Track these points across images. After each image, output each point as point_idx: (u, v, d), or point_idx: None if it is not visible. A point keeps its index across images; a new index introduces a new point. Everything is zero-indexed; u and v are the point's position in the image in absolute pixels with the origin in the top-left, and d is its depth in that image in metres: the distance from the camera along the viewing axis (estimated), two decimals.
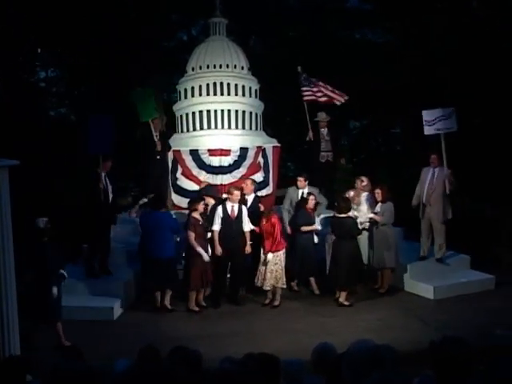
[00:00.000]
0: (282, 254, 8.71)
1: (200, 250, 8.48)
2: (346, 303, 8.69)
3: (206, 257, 8.51)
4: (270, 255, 8.60)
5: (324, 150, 10.76)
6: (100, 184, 8.93)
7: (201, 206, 8.72)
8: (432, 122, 9.30)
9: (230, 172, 10.69)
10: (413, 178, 9.92)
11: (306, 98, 10.93)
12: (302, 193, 9.49)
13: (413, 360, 5.04)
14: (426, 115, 9.37)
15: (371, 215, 9.07)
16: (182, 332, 7.70)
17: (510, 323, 6.96)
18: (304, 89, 10.92)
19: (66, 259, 9.60)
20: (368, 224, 9.20)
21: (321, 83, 10.92)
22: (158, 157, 10.29)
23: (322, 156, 10.80)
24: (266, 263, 8.62)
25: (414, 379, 3.58)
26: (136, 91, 10.21)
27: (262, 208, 8.99)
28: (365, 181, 9.56)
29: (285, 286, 8.84)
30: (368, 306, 8.70)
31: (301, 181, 9.55)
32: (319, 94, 10.87)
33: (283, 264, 8.70)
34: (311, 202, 9.12)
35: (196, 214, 8.64)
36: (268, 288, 8.72)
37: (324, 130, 10.83)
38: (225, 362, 3.96)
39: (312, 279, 9.26)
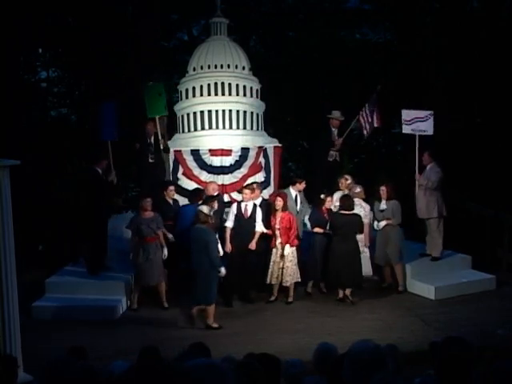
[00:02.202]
0: (295, 250, 8.80)
1: None
2: (351, 299, 8.77)
3: None
4: (287, 248, 8.68)
5: (333, 149, 10.80)
6: (111, 175, 9.16)
7: (215, 205, 8.72)
8: (409, 121, 9.60)
9: (231, 172, 10.68)
10: (413, 178, 9.90)
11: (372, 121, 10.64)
12: (296, 195, 9.50)
13: (414, 360, 5.05)
14: (405, 114, 9.68)
15: (382, 224, 9.04)
16: (183, 332, 7.71)
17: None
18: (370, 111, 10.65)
19: (66, 259, 9.65)
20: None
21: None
22: (152, 160, 10.21)
23: (330, 155, 10.83)
24: (282, 258, 8.68)
25: (415, 379, 3.58)
26: (147, 86, 10.16)
27: (279, 204, 8.82)
28: (349, 179, 9.62)
29: (299, 280, 8.91)
30: (369, 306, 8.70)
31: (302, 183, 9.59)
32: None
33: (296, 260, 8.78)
34: (328, 204, 9.12)
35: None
36: (288, 284, 8.80)
37: (335, 130, 10.87)
38: (225, 361, 3.96)
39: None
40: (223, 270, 7.99)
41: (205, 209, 8.10)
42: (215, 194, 9.37)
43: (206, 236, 7.85)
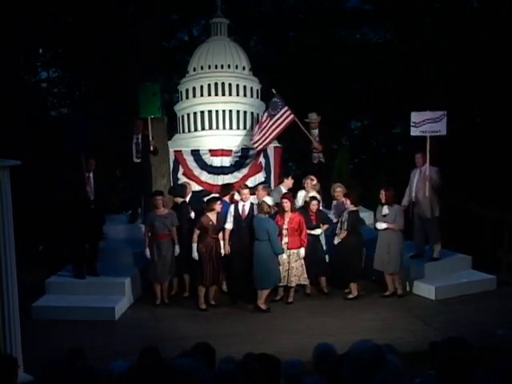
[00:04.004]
0: (300, 250, 8.81)
1: (194, 245, 8.64)
2: (357, 293, 8.99)
3: (195, 255, 8.62)
4: (302, 250, 8.76)
5: (315, 151, 10.72)
6: (86, 186, 8.91)
7: (218, 206, 8.71)
8: (419, 123, 9.44)
9: (232, 172, 10.70)
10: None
11: (290, 118, 10.49)
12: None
13: (414, 360, 5.05)
14: (414, 117, 9.47)
15: (384, 226, 8.89)
16: (183, 332, 7.70)
17: None
18: (285, 109, 10.44)
19: (66, 259, 9.65)
20: None
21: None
22: (137, 160, 10.17)
23: (313, 157, 10.76)
24: (297, 259, 8.74)
25: (415, 380, 3.58)
26: (143, 85, 10.10)
27: (287, 205, 8.80)
28: (314, 180, 9.62)
29: (307, 282, 8.97)
30: (369, 306, 8.69)
31: (290, 180, 9.68)
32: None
33: (302, 261, 8.80)
34: (314, 207, 9.12)
35: (211, 214, 8.66)
36: (292, 284, 8.81)
37: (315, 131, 10.78)
38: (225, 362, 3.95)
39: (323, 278, 9.26)
40: (284, 257, 8.63)
41: (268, 200, 8.66)
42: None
43: (268, 225, 8.40)
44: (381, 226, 8.94)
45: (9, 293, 5.85)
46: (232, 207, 8.89)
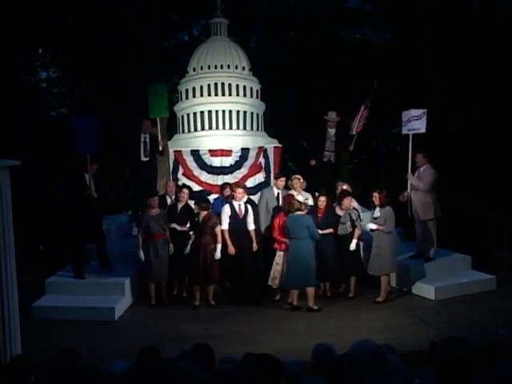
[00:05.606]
0: None
1: (189, 241, 8.80)
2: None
3: (187, 248, 8.78)
4: None
5: (328, 149, 10.82)
6: (91, 186, 8.89)
7: (199, 207, 8.80)
8: (405, 122, 9.56)
9: (231, 172, 10.70)
10: None
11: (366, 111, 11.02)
12: (278, 193, 9.46)
13: (414, 360, 5.04)
14: (404, 116, 9.61)
15: (374, 226, 8.82)
16: (183, 332, 7.70)
17: None
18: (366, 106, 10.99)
19: (66, 259, 9.65)
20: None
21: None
22: (145, 158, 10.24)
23: (325, 155, 10.88)
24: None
25: (415, 380, 3.58)
26: (151, 86, 10.17)
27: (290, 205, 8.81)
28: (301, 178, 9.58)
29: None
30: (369, 306, 8.69)
31: (282, 181, 9.58)
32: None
33: None
34: (322, 203, 9.03)
35: (201, 213, 8.72)
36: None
37: (332, 131, 10.89)
38: (225, 362, 3.96)
39: (327, 283, 9.17)
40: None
41: (299, 197, 8.68)
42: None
43: (306, 221, 8.40)
44: (370, 226, 8.88)
45: (9, 293, 5.84)
46: (227, 208, 8.84)
